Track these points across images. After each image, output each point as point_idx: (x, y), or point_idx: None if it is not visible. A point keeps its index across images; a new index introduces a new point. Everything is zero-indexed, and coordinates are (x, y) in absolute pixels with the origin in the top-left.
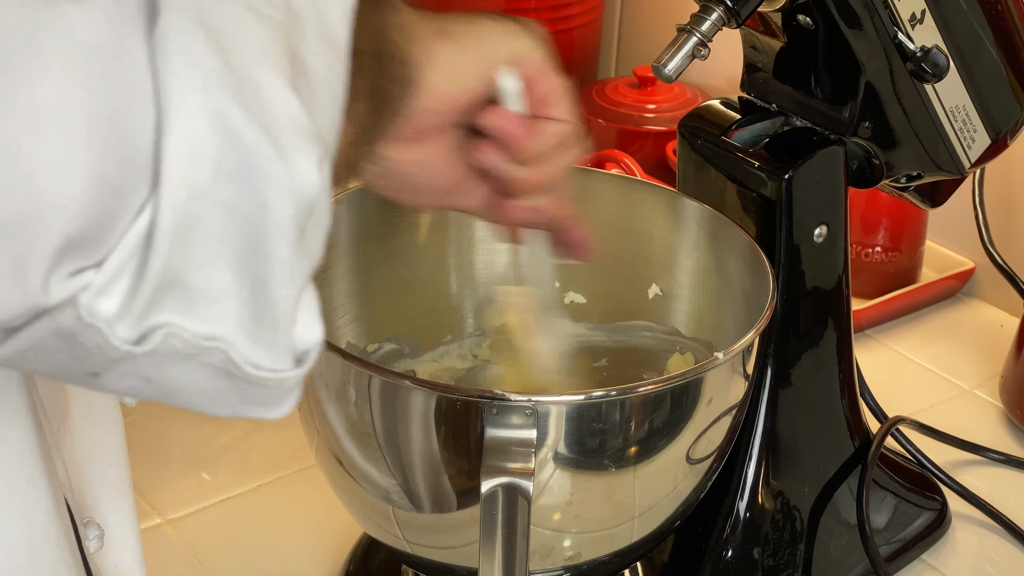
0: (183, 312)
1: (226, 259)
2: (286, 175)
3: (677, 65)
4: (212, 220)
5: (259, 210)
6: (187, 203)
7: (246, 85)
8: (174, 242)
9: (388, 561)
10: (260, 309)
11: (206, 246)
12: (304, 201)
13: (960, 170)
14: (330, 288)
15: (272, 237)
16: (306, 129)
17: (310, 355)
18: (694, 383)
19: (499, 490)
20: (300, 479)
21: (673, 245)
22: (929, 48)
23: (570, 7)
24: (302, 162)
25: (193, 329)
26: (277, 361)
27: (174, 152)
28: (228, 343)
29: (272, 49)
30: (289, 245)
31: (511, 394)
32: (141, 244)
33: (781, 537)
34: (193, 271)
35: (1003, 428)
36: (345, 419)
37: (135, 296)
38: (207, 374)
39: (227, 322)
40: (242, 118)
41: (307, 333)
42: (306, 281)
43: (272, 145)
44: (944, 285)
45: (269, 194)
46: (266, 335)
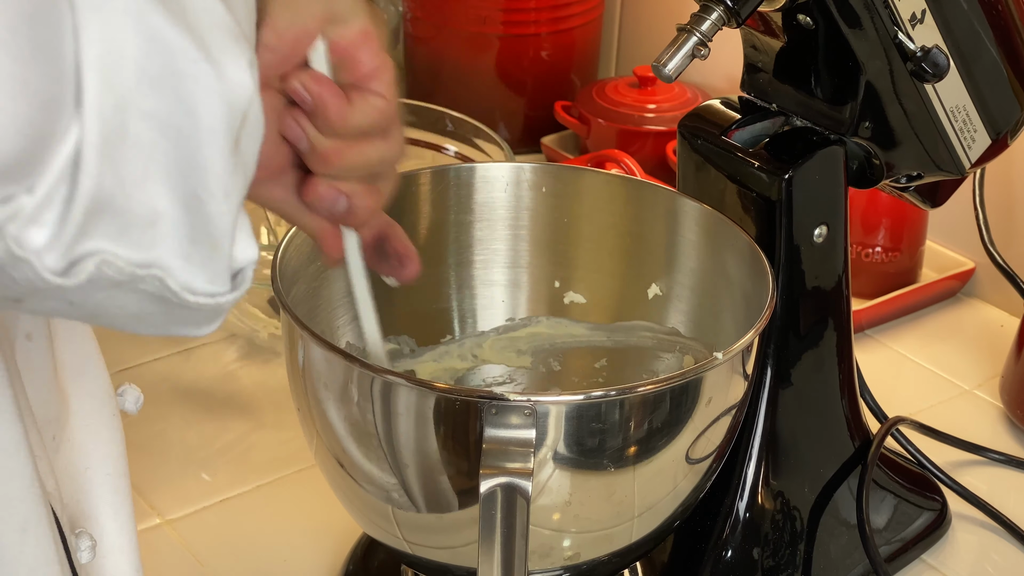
0: (116, 238)
1: (158, 175)
2: (215, 78)
3: (677, 65)
4: (140, 132)
5: (189, 117)
6: (113, 114)
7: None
8: (103, 158)
9: (388, 561)
10: (196, 229)
11: (136, 161)
12: (236, 106)
13: (960, 170)
14: (330, 288)
15: (205, 147)
16: (232, 29)
17: (245, 273)
18: (694, 383)
19: (498, 490)
20: (300, 479)
21: (673, 245)
22: (929, 48)
23: (570, 7)
24: (231, 64)
25: (127, 256)
26: (214, 283)
27: (94, 55)
28: (164, 269)
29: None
30: (223, 155)
31: (510, 394)
32: (70, 164)
33: (781, 537)
34: (125, 191)
35: (1003, 428)
36: (345, 419)
37: (65, 223)
38: (138, 299)
39: (163, 247)
40: (163, 17)
41: (242, 252)
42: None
43: (198, 46)
44: (944, 285)
45: (199, 99)
46: (203, 256)
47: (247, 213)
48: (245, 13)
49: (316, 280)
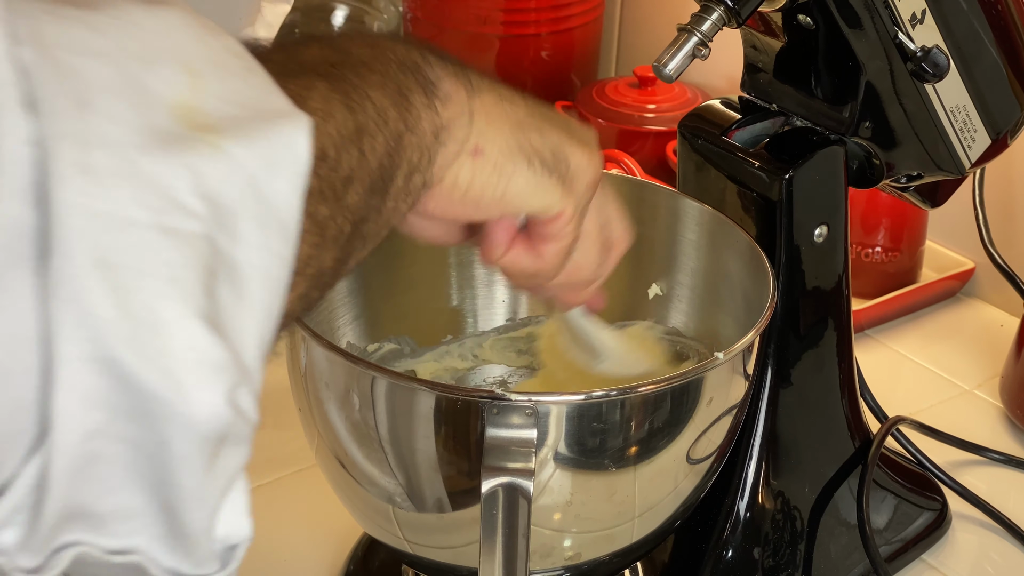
0: (92, 532)
1: (132, 485)
2: (186, 414)
3: (677, 65)
4: (112, 453)
5: (161, 447)
6: (82, 445)
7: (144, 325)
8: (72, 481)
9: (388, 561)
10: (174, 527)
11: (108, 477)
12: (208, 435)
13: (960, 170)
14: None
15: (176, 471)
16: (213, 361)
17: (238, 551)
18: (694, 383)
19: (499, 490)
20: (300, 479)
21: (673, 245)
22: (929, 48)
23: (570, 7)
24: (204, 397)
25: (105, 544)
26: (199, 567)
27: (63, 402)
28: (144, 554)
29: (182, 275)
30: (196, 476)
31: (511, 394)
32: (35, 485)
33: (781, 537)
34: (97, 501)
35: (1003, 428)
36: (345, 419)
37: (35, 529)
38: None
39: (141, 535)
40: (135, 364)
41: (233, 531)
42: (226, 491)
43: (169, 386)
44: (944, 285)
45: (170, 433)
46: (184, 547)
47: (244, 486)
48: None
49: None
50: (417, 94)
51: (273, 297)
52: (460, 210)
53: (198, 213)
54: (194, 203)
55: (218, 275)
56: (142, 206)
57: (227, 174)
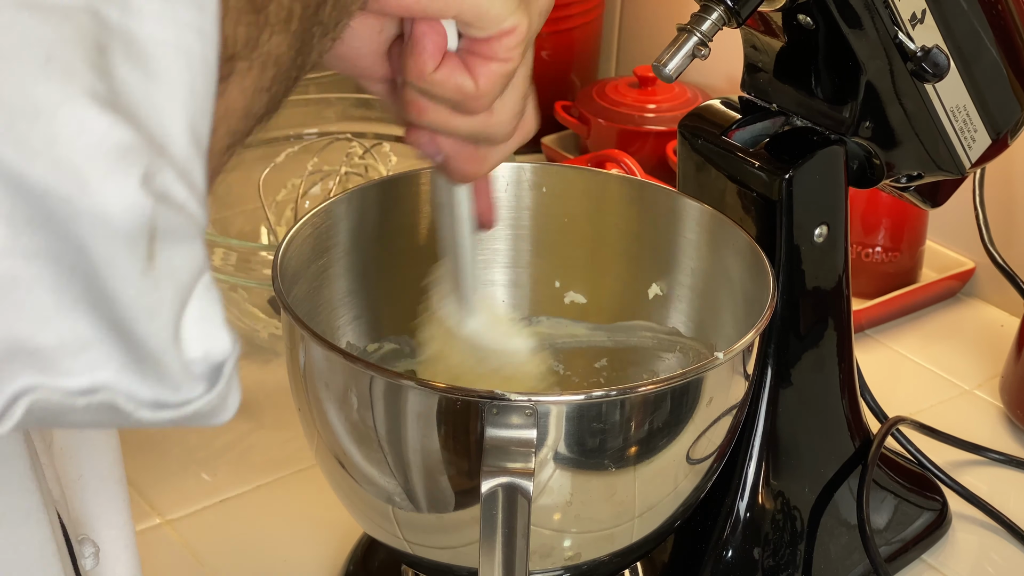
0: (44, 372)
1: (67, 307)
2: (94, 209)
3: (677, 65)
4: (31, 273)
5: (79, 253)
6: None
7: (20, 113)
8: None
9: (388, 561)
10: (131, 349)
11: (37, 302)
12: (130, 229)
13: (960, 170)
14: (330, 288)
15: (107, 279)
16: (116, 144)
17: (225, 368)
18: (694, 383)
19: (499, 490)
20: (300, 479)
21: (673, 245)
22: (929, 48)
23: (570, 7)
24: (112, 187)
25: (65, 385)
26: (181, 390)
27: None
28: (115, 389)
29: (60, 53)
30: (132, 280)
31: (511, 394)
32: None
33: (781, 537)
34: (35, 333)
35: (1003, 428)
36: (345, 419)
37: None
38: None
39: (104, 368)
40: (18, 159)
41: (211, 345)
42: (180, 297)
43: (65, 178)
44: (944, 285)
45: (82, 235)
46: (153, 371)
47: (215, 297)
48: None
49: (317, 280)
50: None
51: (195, 75)
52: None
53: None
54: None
55: (111, 51)
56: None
57: None
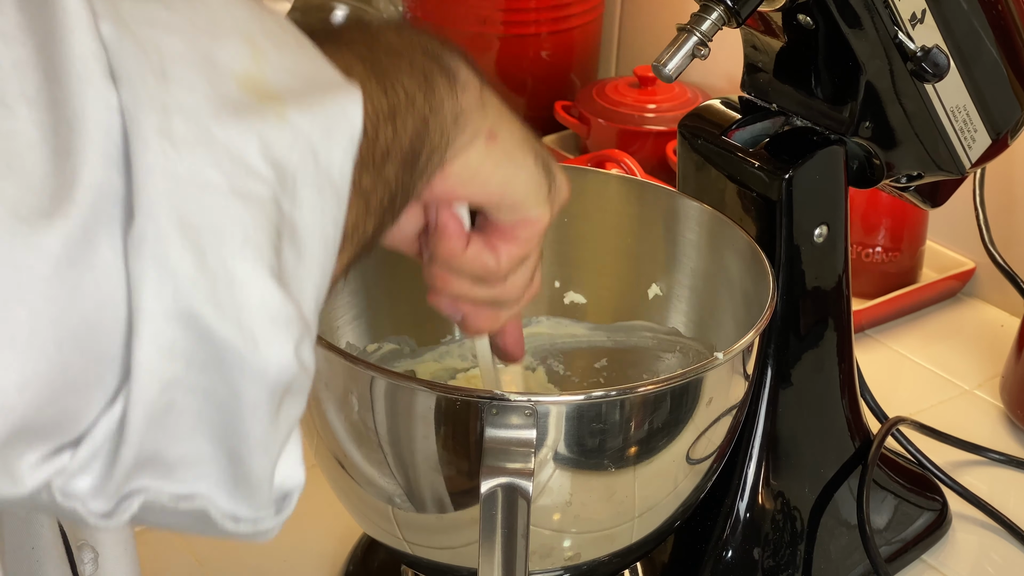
0: (159, 478)
1: (201, 433)
2: (259, 366)
3: (677, 65)
4: (186, 403)
5: (232, 397)
6: (159, 394)
7: (221, 282)
8: (147, 430)
9: (388, 561)
10: (237, 474)
11: (180, 426)
12: (277, 386)
13: (960, 170)
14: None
15: (246, 420)
16: (283, 316)
17: (292, 498)
18: (694, 383)
19: (499, 490)
20: None
21: (673, 245)
22: (929, 48)
23: (570, 7)
24: (276, 351)
25: (171, 491)
26: (257, 512)
27: (144, 355)
28: (207, 499)
29: (254, 234)
30: (263, 424)
31: (511, 394)
32: (114, 432)
33: (781, 537)
34: (168, 448)
35: (1003, 428)
36: (345, 419)
37: (110, 476)
38: (189, 520)
39: (205, 482)
40: (213, 317)
41: (288, 478)
42: (285, 441)
43: (245, 339)
44: (944, 285)
45: (241, 385)
46: (245, 494)
47: (299, 438)
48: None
49: None
50: (440, 80)
51: (327, 257)
52: (462, 192)
53: (266, 177)
54: (262, 168)
55: (283, 236)
56: (218, 170)
57: (291, 141)
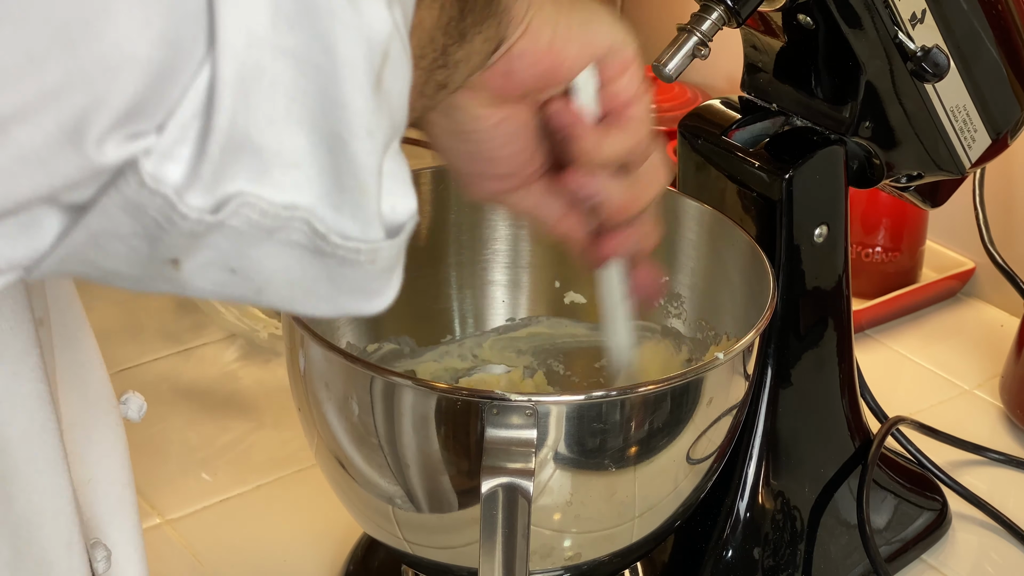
0: (257, 180)
1: (297, 114)
2: (352, 13)
3: (677, 65)
4: (277, 70)
5: (326, 54)
6: (247, 51)
7: None
8: (237, 96)
9: (388, 561)
10: (341, 171)
11: (273, 100)
12: (375, 42)
13: (960, 170)
14: None
15: (344, 84)
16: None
17: (406, 227)
18: (694, 383)
19: (499, 490)
20: (300, 479)
21: (673, 245)
22: (929, 48)
23: None
24: (368, 1)
25: (270, 198)
26: (367, 231)
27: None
28: (310, 211)
29: None
30: (364, 92)
31: (511, 394)
32: (203, 102)
33: (781, 537)
34: (262, 130)
35: (1003, 428)
36: (345, 419)
37: (202, 160)
38: (294, 256)
39: (307, 189)
40: None
41: (399, 203)
42: (390, 141)
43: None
44: (944, 285)
45: (336, 35)
46: (351, 201)
47: (404, 161)
48: None
49: None
50: None
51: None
52: (547, 60)
53: None
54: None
55: None
56: None
57: None
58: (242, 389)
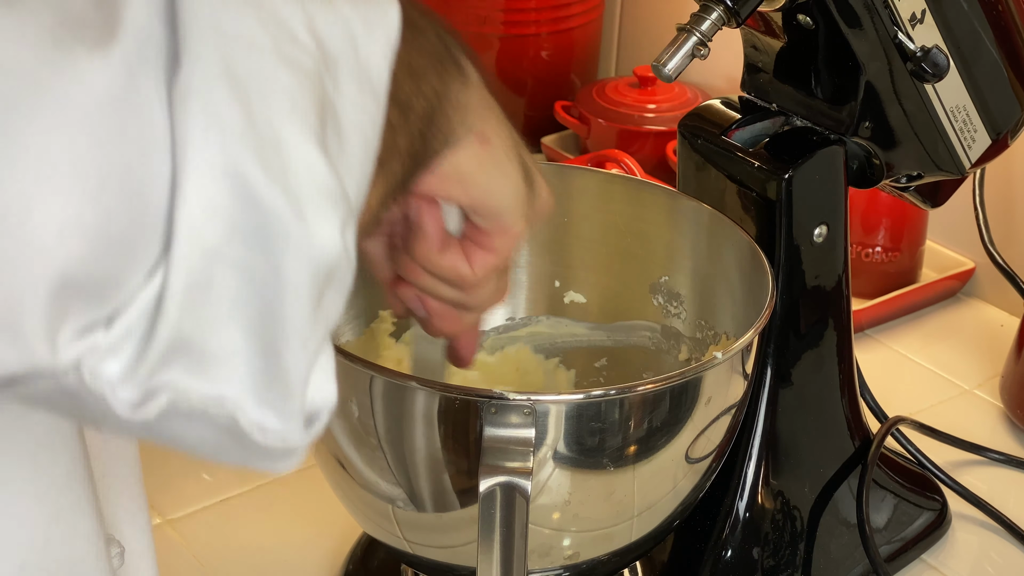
0: (190, 373)
1: (238, 321)
2: (305, 240)
3: (677, 65)
4: (225, 281)
5: (274, 274)
6: (200, 262)
7: (268, 142)
8: (185, 304)
9: (388, 561)
10: (271, 373)
11: (218, 308)
12: (323, 266)
13: (960, 170)
14: None
15: (287, 303)
16: (330, 190)
17: (321, 416)
18: (693, 382)
19: (497, 489)
20: (300, 479)
21: (673, 245)
22: (929, 48)
23: (570, 7)
24: (323, 226)
25: (199, 390)
26: (286, 424)
27: (188, 214)
28: (236, 404)
29: (300, 101)
30: (304, 311)
31: (510, 393)
32: (152, 306)
33: (781, 537)
34: (203, 333)
35: (1003, 428)
36: (345, 419)
37: (142, 359)
38: (212, 432)
39: (236, 383)
40: (261, 179)
41: (319, 394)
42: (322, 344)
43: (292, 208)
44: (944, 285)
45: (286, 259)
46: (276, 398)
47: (331, 353)
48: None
49: None
50: (450, 66)
51: (367, 157)
52: (445, 191)
53: (311, 50)
54: (307, 40)
55: (326, 116)
56: (264, 31)
57: (333, 21)
58: None
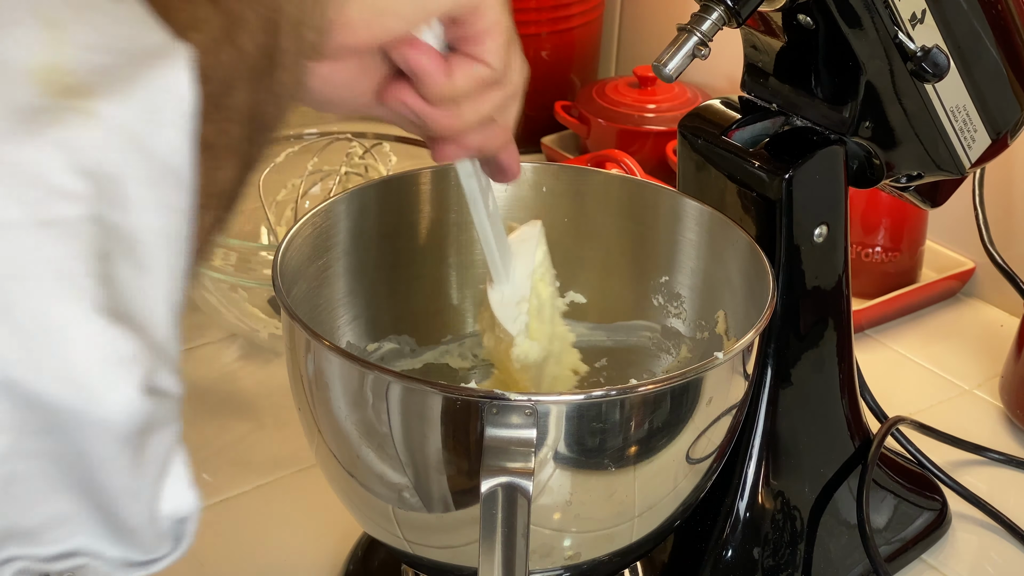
0: (27, 545)
1: (58, 493)
2: (98, 416)
3: (677, 65)
4: (30, 470)
5: (78, 455)
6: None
7: (36, 337)
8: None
9: (388, 561)
10: (112, 523)
11: (31, 492)
12: (127, 430)
13: (960, 170)
14: (330, 288)
15: (101, 474)
16: (118, 355)
17: (189, 525)
18: (694, 383)
19: (499, 489)
20: (300, 479)
21: (673, 245)
22: (929, 48)
23: (570, 7)
24: (115, 394)
25: (45, 553)
26: (150, 551)
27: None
28: (91, 553)
29: (68, 270)
30: (123, 474)
31: (511, 394)
32: None
33: (781, 537)
34: (23, 518)
35: (1003, 428)
36: (345, 419)
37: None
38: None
39: (83, 536)
40: (33, 381)
41: (179, 504)
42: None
43: (74, 392)
44: (944, 285)
45: (84, 440)
46: (128, 538)
47: (184, 459)
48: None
49: (317, 280)
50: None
51: (177, 255)
52: (379, 29)
53: (79, 193)
54: (73, 183)
55: (113, 256)
56: (15, 202)
57: (105, 140)
58: (242, 389)
